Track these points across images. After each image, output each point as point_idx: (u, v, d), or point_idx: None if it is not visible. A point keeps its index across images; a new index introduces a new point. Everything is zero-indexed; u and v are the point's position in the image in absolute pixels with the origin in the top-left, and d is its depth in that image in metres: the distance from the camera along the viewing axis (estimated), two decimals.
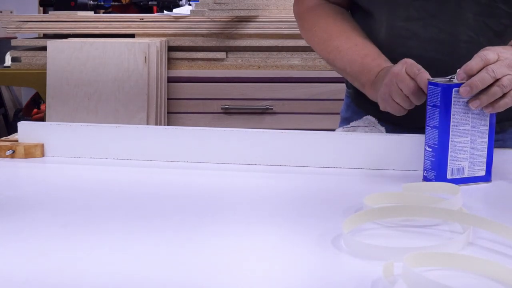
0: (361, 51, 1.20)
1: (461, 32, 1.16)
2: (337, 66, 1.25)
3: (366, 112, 1.31)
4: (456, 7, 1.15)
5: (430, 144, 1.00)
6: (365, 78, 1.17)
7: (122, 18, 2.63)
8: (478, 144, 1.00)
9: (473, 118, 0.99)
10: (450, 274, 0.67)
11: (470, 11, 1.15)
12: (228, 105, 2.53)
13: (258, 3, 2.52)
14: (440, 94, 0.97)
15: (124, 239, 0.77)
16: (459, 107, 0.98)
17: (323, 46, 1.27)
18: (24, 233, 0.79)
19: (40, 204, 0.90)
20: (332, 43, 1.24)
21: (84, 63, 2.43)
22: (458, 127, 0.98)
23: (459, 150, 0.99)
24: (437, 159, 0.99)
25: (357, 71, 1.19)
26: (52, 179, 1.06)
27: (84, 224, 0.83)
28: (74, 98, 2.43)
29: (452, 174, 0.99)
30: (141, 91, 2.42)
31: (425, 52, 1.17)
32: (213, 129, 1.12)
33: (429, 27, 1.17)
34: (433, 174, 1.00)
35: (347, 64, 1.22)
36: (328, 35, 1.25)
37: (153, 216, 0.87)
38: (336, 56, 1.24)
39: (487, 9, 1.15)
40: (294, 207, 0.92)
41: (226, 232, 0.80)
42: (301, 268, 0.70)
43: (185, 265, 0.70)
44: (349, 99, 1.40)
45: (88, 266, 0.69)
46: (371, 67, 1.16)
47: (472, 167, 1.00)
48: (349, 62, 1.21)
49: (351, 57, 1.21)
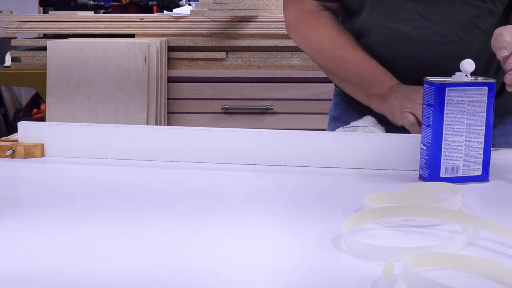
0: (369, 64, 1.23)
1: (452, 33, 1.18)
2: (340, 75, 1.28)
3: (355, 110, 1.33)
4: (448, 9, 1.17)
5: (425, 143, 1.01)
6: (376, 89, 1.20)
7: (122, 18, 2.63)
8: (474, 143, 1.00)
9: (468, 117, 0.99)
10: (450, 274, 0.67)
11: (462, 12, 1.17)
12: (228, 105, 2.53)
13: (258, 3, 2.52)
14: (434, 92, 0.98)
15: (124, 239, 0.77)
16: (453, 106, 0.98)
17: (327, 55, 1.29)
18: (24, 233, 0.79)
19: (40, 204, 0.90)
20: (337, 52, 1.26)
21: (84, 63, 2.43)
22: (452, 126, 0.99)
23: (453, 149, 0.99)
24: (431, 158, 1.00)
25: (367, 82, 1.23)
26: (52, 179, 1.06)
27: (84, 224, 0.83)
28: (74, 98, 2.43)
29: (446, 172, 1.00)
30: (141, 91, 2.42)
31: (415, 52, 1.19)
32: (213, 129, 1.12)
33: (421, 29, 1.18)
34: (427, 173, 1.00)
35: (354, 75, 1.25)
36: (334, 45, 1.27)
37: (153, 216, 0.87)
38: (341, 66, 1.26)
39: (477, 10, 1.17)
40: (294, 207, 0.92)
41: (226, 232, 0.80)
42: (301, 268, 0.70)
43: (185, 265, 0.70)
44: (337, 98, 1.42)
45: (88, 266, 0.69)
46: (383, 80, 1.21)
47: (467, 166, 1.00)
48: (357, 73, 1.24)
49: (359, 69, 1.24)
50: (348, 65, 1.25)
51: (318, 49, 1.30)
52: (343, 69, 1.27)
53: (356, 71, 1.25)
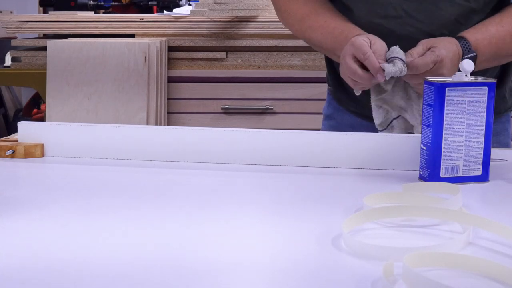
0: (329, 26, 1.24)
1: (435, 30, 1.19)
2: (314, 44, 1.30)
3: (346, 108, 1.34)
4: (433, 7, 1.18)
5: (425, 143, 1.01)
6: (339, 52, 1.19)
7: (122, 18, 2.63)
8: (474, 143, 1.00)
9: (468, 117, 0.99)
10: (450, 274, 0.67)
11: (446, 10, 1.18)
12: (228, 105, 2.53)
13: (258, 3, 2.52)
14: (434, 92, 0.98)
15: (124, 239, 0.77)
16: (453, 106, 0.98)
17: (298, 27, 1.31)
18: (24, 233, 0.79)
19: (40, 204, 0.90)
20: (304, 23, 1.28)
21: (84, 63, 2.43)
22: (452, 126, 0.99)
23: (453, 149, 0.99)
24: (431, 158, 1.00)
25: (332, 48, 1.24)
26: (52, 179, 1.06)
27: (83, 224, 0.83)
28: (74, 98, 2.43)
29: (446, 172, 1.00)
30: (141, 91, 2.42)
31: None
32: (213, 129, 1.12)
33: (406, 26, 1.19)
34: (427, 173, 1.00)
35: (322, 41, 1.26)
36: (301, 16, 1.28)
37: (153, 216, 0.87)
38: (311, 35, 1.28)
39: (460, 8, 1.19)
40: (294, 207, 0.92)
41: (226, 232, 0.80)
42: (301, 268, 0.70)
43: (185, 265, 0.70)
44: (330, 96, 1.42)
45: (88, 266, 0.69)
46: (340, 40, 1.20)
47: (467, 166, 1.01)
48: (323, 39, 1.25)
49: (323, 34, 1.25)
50: (316, 34, 1.26)
51: (291, 23, 1.32)
52: (313, 38, 1.28)
53: (322, 37, 1.25)
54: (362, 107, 1.27)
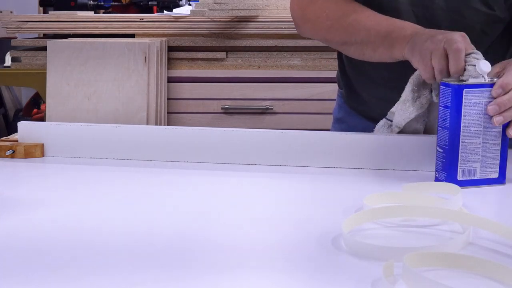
0: (385, 18, 1.15)
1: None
2: (357, 40, 1.19)
3: (358, 112, 1.31)
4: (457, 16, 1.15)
5: (441, 145, 0.98)
6: (397, 34, 1.11)
7: (122, 18, 2.63)
8: (491, 145, 0.98)
9: (485, 119, 0.97)
10: (450, 274, 0.67)
11: (471, 19, 1.15)
12: (228, 105, 2.53)
13: (258, 3, 2.52)
14: (451, 94, 0.96)
15: (123, 239, 0.77)
16: (470, 108, 0.96)
17: (339, 26, 1.21)
18: (23, 233, 0.79)
19: (40, 204, 0.90)
20: (348, 18, 1.19)
21: (84, 63, 2.43)
22: (470, 128, 0.97)
23: (470, 152, 0.97)
24: (448, 161, 0.98)
25: (386, 32, 1.13)
26: (52, 179, 1.06)
27: (83, 224, 0.83)
28: (74, 98, 2.43)
29: (463, 175, 0.98)
30: (141, 91, 2.42)
31: None
32: (213, 129, 1.12)
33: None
34: (444, 175, 0.98)
35: (371, 32, 1.15)
36: (343, 13, 1.20)
37: (153, 216, 0.87)
38: (356, 30, 1.18)
39: (485, 16, 1.16)
40: (294, 207, 0.92)
41: (226, 232, 0.80)
42: (301, 268, 0.70)
43: (184, 265, 0.70)
44: (341, 99, 1.40)
45: (88, 266, 0.69)
46: (404, 26, 1.11)
47: (484, 169, 0.99)
48: (375, 29, 1.15)
49: (376, 23, 1.15)
50: (362, 25, 1.17)
51: (329, 25, 1.23)
52: (358, 32, 1.18)
53: (373, 26, 1.16)
54: (374, 111, 1.25)
